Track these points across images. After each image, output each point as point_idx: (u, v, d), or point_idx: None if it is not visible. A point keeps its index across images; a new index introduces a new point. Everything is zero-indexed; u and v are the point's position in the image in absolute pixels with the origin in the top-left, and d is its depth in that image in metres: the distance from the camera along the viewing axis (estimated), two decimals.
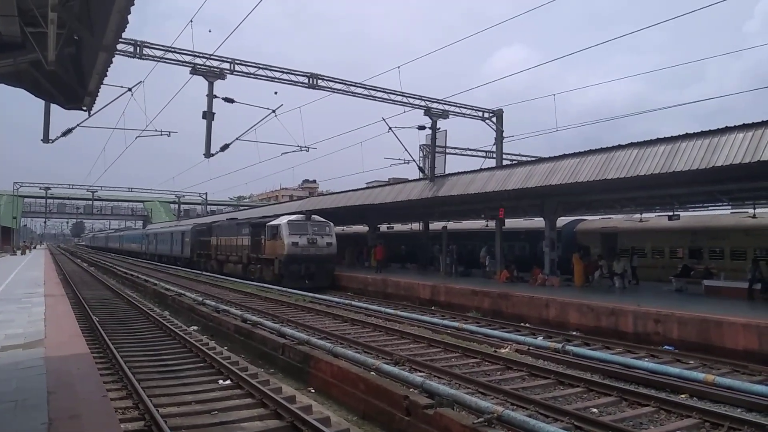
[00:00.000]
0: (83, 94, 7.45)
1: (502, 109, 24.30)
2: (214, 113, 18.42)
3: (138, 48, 17.17)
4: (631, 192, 17.18)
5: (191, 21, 16.61)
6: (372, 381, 8.02)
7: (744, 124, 12.01)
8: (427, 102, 22.22)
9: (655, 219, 23.79)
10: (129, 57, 17.11)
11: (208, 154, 18.82)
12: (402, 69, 21.60)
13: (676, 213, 20.18)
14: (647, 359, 10.58)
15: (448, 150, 24.95)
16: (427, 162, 23.31)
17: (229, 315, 14.85)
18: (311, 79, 19.95)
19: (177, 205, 73.48)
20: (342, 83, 20.69)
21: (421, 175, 23.53)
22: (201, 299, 17.95)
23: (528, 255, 26.30)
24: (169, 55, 17.76)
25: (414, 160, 24.25)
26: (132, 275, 29.97)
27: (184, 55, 17.99)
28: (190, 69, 18.06)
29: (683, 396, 8.12)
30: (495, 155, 25.34)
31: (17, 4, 5.12)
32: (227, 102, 18.59)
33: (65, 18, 5.23)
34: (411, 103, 21.87)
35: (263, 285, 24.28)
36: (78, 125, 17.57)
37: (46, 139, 14.02)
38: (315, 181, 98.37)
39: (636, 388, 8.42)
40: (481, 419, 6.22)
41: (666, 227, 21.54)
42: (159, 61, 17.66)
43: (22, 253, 55.10)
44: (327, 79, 20.31)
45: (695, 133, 12.95)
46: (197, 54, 18.17)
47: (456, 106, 23.15)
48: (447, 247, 25.79)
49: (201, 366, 9.76)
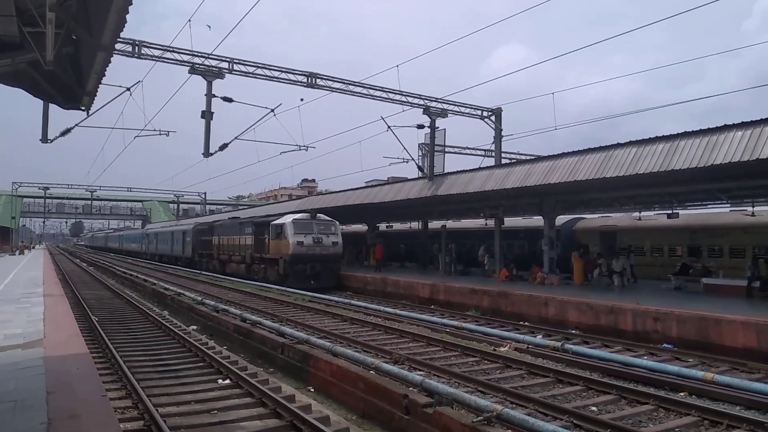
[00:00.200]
0: (82, 93, 7.44)
1: (500, 108, 24.33)
2: (212, 113, 18.43)
3: (136, 47, 17.15)
4: (630, 190, 17.18)
5: (189, 21, 16.61)
6: (371, 380, 8.03)
7: (743, 122, 11.99)
8: (426, 101, 22.21)
9: (654, 217, 23.81)
10: (127, 56, 17.10)
11: (206, 153, 18.81)
12: (401, 68, 21.71)
13: (675, 211, 20.18)
14: (646, 357, 10.60)
15: (447, 149, 24.96)
16: (426, 161, 23.29)
17: (229, 314, 14.86)
18: (310, 78, 19.95)
19: (176, 205, 73.45)
20: (341, 82, 20.68)
21: (420, 174, 23.52)
22: (200, 299, 17.97)
23: (527, 253, 26.30)
24: (168, 55, 17.74)
25: (413, 159, 24.28)
26: (131, 275, 29.96)
27: (182, 55, 17.96)
28: (188, 68, 18.03)
29: (682, 394, 8.14)
30: (494, 154, 25.36)
31: (15, 3, 5.11)
32: (226, 101, 18.59)
33: (63, 18, 5.22)
34: (410, 102, 21.86)
35: (262, 284, 24.25)
36: (76, 125, 17.57)
37: (44, 139, 14.06)
38: (314, 181, 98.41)
39: (635, 386, 8.43)
40: (481, 418, 6.23)
41: (665, 225, 21.54)
42: (157, 61, 17.64)
43: (20, 253, 55.02)
44: (326, 78, 20.31)
45: (694, 132, 12.93)
46: (196, 53, 18.16)
47: (455, 104, 23.15)
48: (446, 246, 25.81)
49: (200, 365, 9.77)
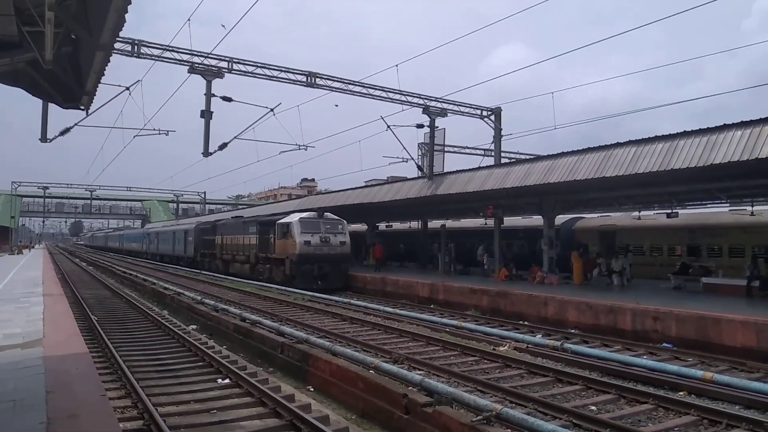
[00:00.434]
0: (81, 93, 7.44)
1: (500, 108, 24.31)
2: (212, 112, 18.43)
3: (136, 47, 17.14)
4: (630, 190, 17.19)
5: (189, 20, 16.60)
6: (371, 379, 8.03)
7: (742, 121, 12.00)
8: (426, 100, 22.20)
9: (654, 217, 23.81)
10: (127, 56, 17.09)
11: (206, 153, 18.80)
12: (400, 67, 21.68)
13: (674, 211, 20.19)
14: (646, 357, 10.61)
15: (446, 148, 24.97)
16: (426, 160, 23.29)
17: (228, 314, 14.86)
18: (309, 78, 19.94)
19: (176, 204, 73.43)
20: (340, 82, 20.67)
21: (420, 174, 23.53)
22: (200, 298, 17.96)
23: (527, 253, 26.30)
24: (167, 54, 17.73)
25: (412, 158, 24.30)
26: (131, 275, 29.94)
27: (181, 54, 17.95)
28: (188, 68, 18.03)
29: (681, 393, 8.14)
30: (493, 153, 25.35)
31: (14, 3, 5.10)
32: (225, 101, 18.60)
33: (62, 17, 5.21)
34: (409, 102, 21.85)
35: (262, 284, 24.23)
36: (76, 124, 17.55)
37: (44, 139, 14.09)
38: (313, 180, 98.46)
39: (634, 385, 8.43)
40: (480, 417, 6.23)
41: (664, 225, 21.54)
42: (157, 60, 17.63)
43: (18, 253, 54.67)
44: (325, 78, 20.30)
45: (693, 131, 12.94)
46: (195, 53, 18.14)
47: (454, 104, 23.14)
48: (446, 246, 25.81)
49: (200, 365, 9.77)
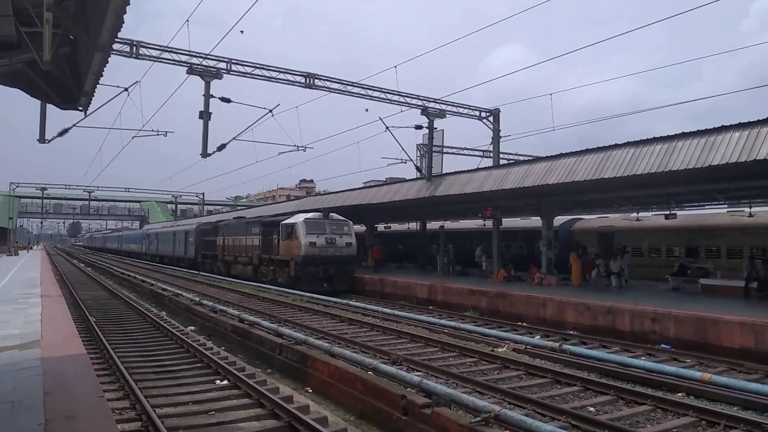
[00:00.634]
0: (79, 94, 7.43)
1: (498, 109, 24.36)
2: (210, 113, 18.43)
3: (134, 48, 17.13)
4: (628, 191, 17.21)
5: (187, 21, 16.61)
6: (369, 381, 8.02)
7: (740, 123, 12.02)
8: (424, 101, 22.22)
9: (652, 218, 23.85)
10: (125, 57, 17.08)
11: (204, 154, 18.79)
12: (399, 68, 21.67)
13: (672, 212, 20.23)
14: (644, 358, 10.62)
15: (445, 149, 24.92)
16: (424, 161, 23.28)
17: (227, 315, 14.83)
18: (308, 79, 19.95)
19: (174, 205, 73.38)
20: (339, 83, 20.69)
21: (418, 175, 23.53)
22: (198, 299, 17.92)
23: (525, 254, 26.32)
24: (166, 55, 17.73)
25: (411, 159, 24.29)
26: (129, 276, 29.89)
27: (180, 55, 17.95)
28: (186, 69, 18.03)
29: (680, 394, 8.15)
30: (492, 155, 25.39)
31: (12, 3, 5.09)
32: (224, 102, 18.60)
33: (61, 18, 5.21)
34: (408, 103, 21.87)
35: (260, 285, 24.20)
36: (74, 125, 17.58)
37: (42, 140, 14.06)
38: (312, 181, 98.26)
39: (633, 386, 8.44)
40: (479, 418, 6.22)
41: (663, 226, 21.57)
42: (155, 61, 17.63)
43: (15, 254, 54.10)
44: (324, 79, 20.31)
45: (691, 132, 12.96)
46: (194, 54, 18.14)
47: (453, 105, 23.16)
48: (444, 247, 25.81)
49: (198, 366, 9.74)
